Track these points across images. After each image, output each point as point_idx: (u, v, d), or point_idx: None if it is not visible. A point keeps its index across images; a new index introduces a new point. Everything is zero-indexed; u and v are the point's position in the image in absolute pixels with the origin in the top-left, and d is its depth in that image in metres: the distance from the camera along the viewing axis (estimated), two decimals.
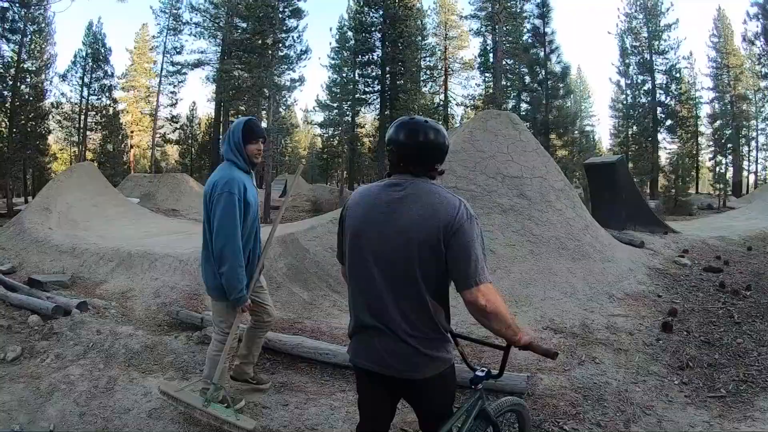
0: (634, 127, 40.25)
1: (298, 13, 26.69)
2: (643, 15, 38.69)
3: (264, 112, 25.71)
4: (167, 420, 4.00)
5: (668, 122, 39.05)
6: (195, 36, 42.82)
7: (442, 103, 42.25)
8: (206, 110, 66.83)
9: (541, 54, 30.09)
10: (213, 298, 3.88)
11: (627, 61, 39.90)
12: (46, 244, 10.15)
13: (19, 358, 5.26)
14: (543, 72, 29.71)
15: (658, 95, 38.54)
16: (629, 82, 40.59)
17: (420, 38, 39.89)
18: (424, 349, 2.17)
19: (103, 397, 4.38)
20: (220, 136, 40.98)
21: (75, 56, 40.20)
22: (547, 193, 8.14)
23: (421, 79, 39.82)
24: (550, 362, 4.92)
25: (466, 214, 2.11)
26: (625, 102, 42.26)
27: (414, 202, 2.18)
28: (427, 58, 41.56)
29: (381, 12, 37.27)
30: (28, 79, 31.86)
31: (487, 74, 40.59)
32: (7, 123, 30.00)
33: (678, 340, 5.61)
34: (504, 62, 34.65)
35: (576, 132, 31.69)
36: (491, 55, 38.34)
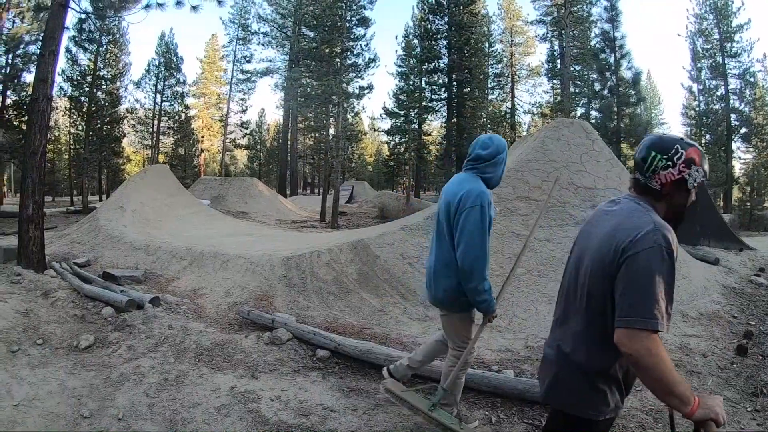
0: (707, 136, 38.18)
1: (365, 22, 26.80)
2: (713, 15, 36.41)
3: (332, 119, 25.96)
4: (235, 417, 4.01)
5: (743, 130, 36.94)
6: (263, 45, 44.10)
7: (509, 110, 41.65)
8: (274, 117, 68.56)
9: (611, 59, 29.12)
10: (444, 310, 3.67)
11: (699, 65, 37.72)
12: (120, 240, 10.51)
13: (92, 347, 5.45)
14: (614, 78, 28.74)
15: (731, 101, 36.34)
16: (701, 87, 38.42)
17: (487, 45, 39.47)
18: (562, 372, 2.02)
19: (172, 390, 4.45)
20: (289, 142, 41.77)
21: (148, 65, 42.56)
22: None
23: (489, 86, 39.35)
24: None
25: (651, 242, 1.77)
26: (697, 108, 40.01)
27: (610, 219, 2.01)
28: (494, 65, 41.07)
29: (446, 19, 37.13)
30: (104, 86, 33.77)
31: (554, 81, 39.77)
32: (84, 126, 32.05)
33: (752, 365, 5.25)
34: (572, 68, 33.78)
35: None
36: (559, 61, 37.58)
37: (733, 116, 35.99)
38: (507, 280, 3.74)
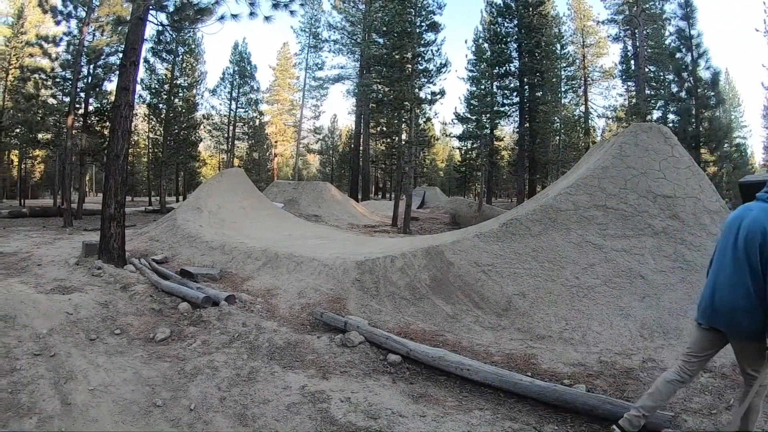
0: None
1: (435, 27, 26.64)
2: None
3: (404, 124, 25.92)
4: (305, 416, 4.00)
5: None
6: (334, 52, 45.09)
7: (582, 114, 40.42)
8: (346, 122, 69.47)
9: (688, 59, 27.51)
10: (746, 340, 3.47)
11: None
12: (197, 239, 10.82)
13: (167, 340, 5.65)
14: (691, 79, 27.15)
15: None
16: None
17: (558, 47, 38.47)
18: None
19: (244, 385, 4.50)
20: (361, 147, 42.23)
21: (223, 73, 44.46)
22: (701, 215, 7.30)
23: (561, 89, 38.37)
24: (696, 402, 4.41)
25: None
26: None
27: None
28: (567, 68, 39.96)
29: (515, 22, 36.44)
30: (181, 94, 35.44)
31: (629, 83, 38.23)
32: (162, 132, 34.03)
33: None
34: (647, 69, 32.25)
35: (726, 145, 28.71)
36: (633, 62, 36.13)
37: None
38: None
